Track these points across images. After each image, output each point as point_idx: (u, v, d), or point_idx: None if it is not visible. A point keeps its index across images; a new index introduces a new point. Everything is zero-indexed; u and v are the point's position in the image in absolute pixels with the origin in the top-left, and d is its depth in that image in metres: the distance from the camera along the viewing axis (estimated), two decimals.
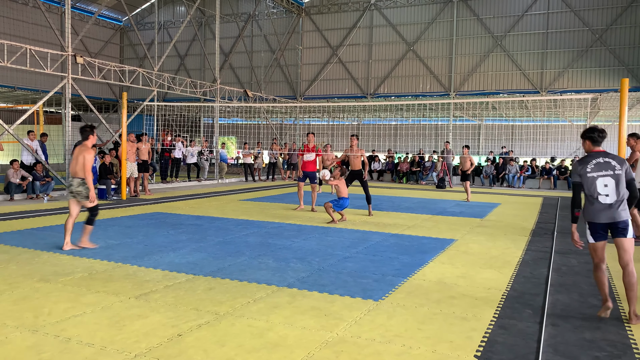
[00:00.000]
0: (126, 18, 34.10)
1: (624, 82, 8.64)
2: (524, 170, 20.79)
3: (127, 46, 35.69)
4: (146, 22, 33.96)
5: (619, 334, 4.07)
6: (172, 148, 18.46)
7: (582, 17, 23.70)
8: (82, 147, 6.80)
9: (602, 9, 23.43)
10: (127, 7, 23.66)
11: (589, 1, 23.65)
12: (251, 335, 3.86)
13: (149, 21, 33.66)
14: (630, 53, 23.13)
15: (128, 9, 25.21)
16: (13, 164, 12.38)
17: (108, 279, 5.37)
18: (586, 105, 21.07)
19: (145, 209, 11.21)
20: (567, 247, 7.72)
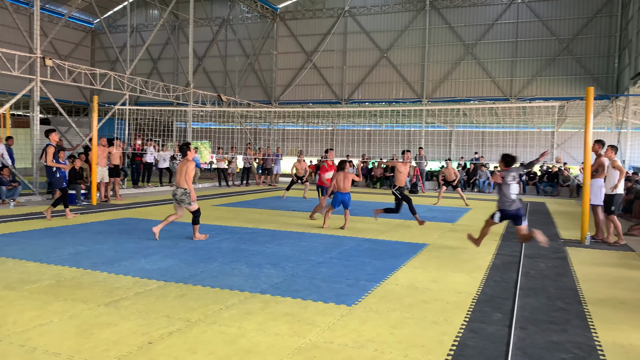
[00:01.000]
0: (98, 20, 33.56)
1: (589, 90, 8.90)
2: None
3: (98, 49, 35.10)
4: (118, 25, 33.46)
5: (584, 336, 4.18)
6: (144, 152, 18.20)
7: (550, 26, 24.32)
8: (185, 160, 7.85)
9: (569, 19, 24.10)
10: (99, 10, 23.31)
11: (556, 11, 24.30)
12: (223, 342, 3.83)
13: (121, 24, 33.18)
14: (595, 62, 23.83)
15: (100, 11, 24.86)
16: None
17: (76, 286, 5.26)
18: (554, 113, 21.59)
19: (116, 214, 11.02)
20: (536, 251, 7.89)
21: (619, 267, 6.98)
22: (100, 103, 21.93)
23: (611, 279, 6.24)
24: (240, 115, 28.13)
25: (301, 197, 16.26)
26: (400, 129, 30.74)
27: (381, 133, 31.28)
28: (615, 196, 8.67)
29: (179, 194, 7.79)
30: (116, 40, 31.49)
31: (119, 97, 19.00)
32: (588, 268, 6.79)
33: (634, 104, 20.51)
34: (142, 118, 28.24)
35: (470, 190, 21.41)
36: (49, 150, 10.17)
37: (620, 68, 22.82)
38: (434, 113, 27.36)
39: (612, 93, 22.94)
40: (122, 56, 25.85)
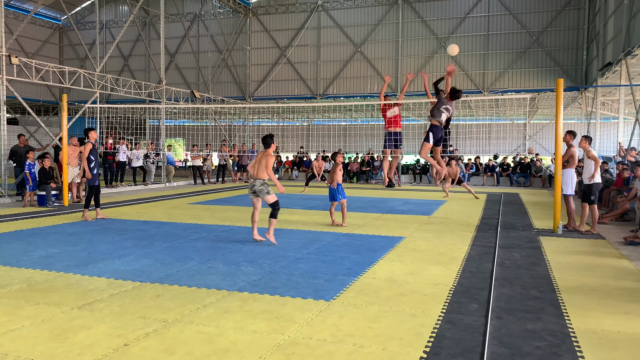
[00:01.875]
0: (65, 17, 32.79)
1: (559, 82, 9.07)
2: (468, 167, 21.44)
3: (66, 46, 34.34)
4: (87, 22, 32.76)
5: (558, 323, 4.26)
6: (116, 151, 17.89)
7: (520, 20, 24.69)
8: (264, 152, 7.70)
9: (538, 13, 24.51)
10: (66, 6, 22.74)
11: (526, 5, 24.67)
12: (201, 342, 3.79)
13: (89, 20, 32.50)
14: (564, 54, 24.31)
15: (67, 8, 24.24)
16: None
17: (49, 289, 5.14)
18: (525, 105, 21.98)
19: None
20: (510, 241, 8.01)
21: (590, 255, 7.14)
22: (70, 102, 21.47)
23: (583, 266, 6.38)
24: (214, 111, 27.88)
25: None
26: (375, 123, 30.89)
27: (357, 128, 31.40)
28: (593, 185, 8.85)
29: (258, 185, 7.59)
30: (85, 37, 30.86)
31: (89, 96, 18.63)
32: (561, 257, 6.93)
33: (602, 95, 21.00)
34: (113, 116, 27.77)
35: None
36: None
37: (589, 60, 23.32)
38: (408, 107, 27.54)
39: (581, 84, 23.44)
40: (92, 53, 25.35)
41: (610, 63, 16.99)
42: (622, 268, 6.32)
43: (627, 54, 14.32)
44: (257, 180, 7.64)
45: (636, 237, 7.94)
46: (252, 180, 7.71)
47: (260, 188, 7.61)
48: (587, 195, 8.93)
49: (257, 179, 7.64)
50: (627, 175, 11.81)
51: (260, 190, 7.61)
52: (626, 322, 4.32)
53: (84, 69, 18.30)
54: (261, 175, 7.62)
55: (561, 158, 9.02)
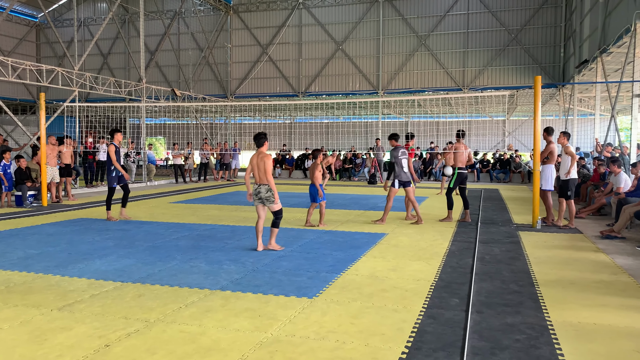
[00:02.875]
0: (42, 14, 32.21)
1: (537, 79, 9.21)
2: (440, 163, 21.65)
3: (44, 44, 33.74)
4: (65, 19, 32.23)
5: (537, 316, 4.34)
6: (96, 151, 17.67)
7: (499, 17, 24.97)
8: (260, 153, 6.96)
9: (517, 10, 24.80)
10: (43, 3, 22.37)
11: (505, 3, 24.96)
12: (183, 341, 3.78)
13: (67, 18, 31.98)
14: (542, 52, 24.65)
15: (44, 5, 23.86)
16: None
17: (27, 291, 5.07)
18: (504, 102, 22.25)
19: (68, 215, 10.67)
20: (490, 237, 8.13)
21: (568, 249, 7.27)
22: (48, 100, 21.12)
23: (561, 260, 6.51)
24: (196, 110, 27.68)
25: None
26: (357, 121, 31.00)
27: (339, 125, 31.45)
28: (569, 181, 9.01)
29: (264, 192, 6.81)
30: (63, 35, 30.36)
31: (68, 94, 18.35)
32: (539, 251, 7.05)
33: (579, 91, 21.36)
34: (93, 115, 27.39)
35: (427, 179, 21.81)
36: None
37: (566, 57, 23.69)
38: (389, 104, 27.70)
39: (558, 82, 23.81)
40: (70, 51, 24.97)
41: (586, 60, 17.28)
42: (599, 261, 6.46)
43: (602, 52, 14.59)
44: (263, 186, 6.85)
45: (612, 231, 8.12)
46: (256, 186, 6.91)
47: (267, 196, 6.82)
48: (563, 191, 9.09)
49: (262, 185, 6.85)
50: (604, 170, 12.04)
51: (267, 198, 6.85)
52: (603, 314, 4.42)
53: (62, 67, 18.02)
54: (264, 179, 6.85)
55: (540, 154, 9.16)
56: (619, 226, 8.09)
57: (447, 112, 28.87)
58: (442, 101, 25.56)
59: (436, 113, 29.29)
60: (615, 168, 9.94)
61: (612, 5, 13.94)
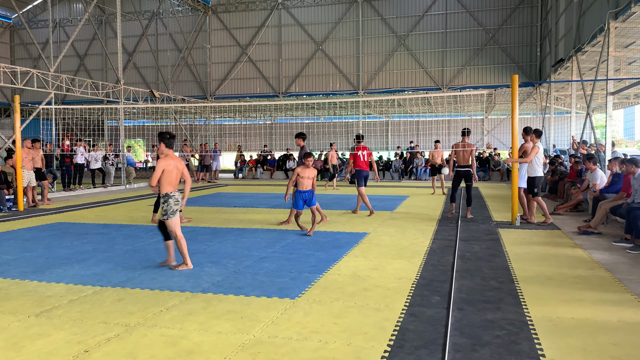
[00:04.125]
0: (16, 15, 31.60)
1: (514, 78, 9.34)
2: (429, 163, 21.80)
3: (18, 45, 33.12)
4: (39, 20, 31.68)
5: (516, 312, 4.39)
6: (73, 154, 17.39)
7: (477, 17, 25.26)
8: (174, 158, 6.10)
9: (494, 10, 25.12)
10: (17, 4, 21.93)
11: (482, 3, 25.27)
12: (164, 345, 3.74)
13: (42, 19, 31.44)
14: (519, 51, 25.01)
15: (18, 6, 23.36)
16: None
17: (3, 297, 4.96)
18: (483, 101, 22.52)
19: (45, 219, 10.48)
20: (470, 234, 8.21)
21: (546, 245, 7.39)
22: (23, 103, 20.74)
23: (539, 256, 6.60)
24: (175, 111, 27.44)
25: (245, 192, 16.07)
26: (338, 121, 31.03)
27: (320, 125, 31.45)
28: (535, 178, 9.15)
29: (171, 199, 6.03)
30: (38, 36, 29.86)
31: (44, 96, 18.03)
32: (518, 248, 7.15)
33: (556, 90, 21.72)
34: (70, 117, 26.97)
35: (407, 178, 21.95)
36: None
37: (542, 56, 24.07)
38: (370, 104, 27.81)
39: (535, 80, 24.18)
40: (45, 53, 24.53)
41: (562, 59, 17.58)
42: (576, 257, 6.57)
43: (577, 51, 14.85)
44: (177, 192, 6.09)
45: (589, 226, 8.27)
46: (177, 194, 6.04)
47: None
48: (530, 188, 9.24)
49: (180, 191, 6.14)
50: (580, 167, 12.26)
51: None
52: (580, 308, 4.50)
53: (37, 69, 17.70)
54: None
55: (517, 152, 9.29)
56: (596, 222, 8.24)
57: (426, 111, 29.09)
58: (422, 100, 25.75)
59: (416, 112, 29.49)
60: (591, 165, 10.12)
61: (586, 5, 14.21)
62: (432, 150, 15.68)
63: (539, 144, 9.18)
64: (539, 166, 9.14)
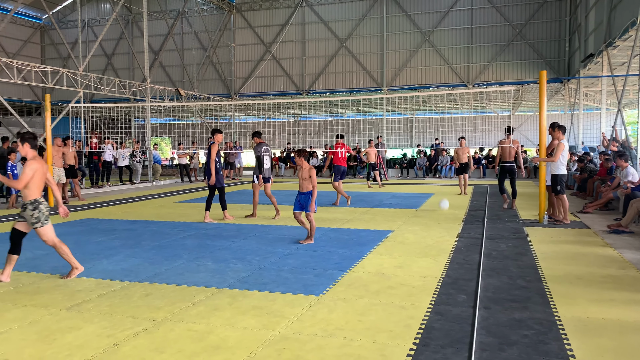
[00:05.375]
0: (46, 16, 32.34)
1: (542, 74, 9.15)
2: (453, 161, 21.57)
3: (48, 45, 33.88)
4: (69, 20, 32.34)
5: (545, 312, 4.32)
6: (101, 151, 17.73)
7: (503, 12, 24.86)
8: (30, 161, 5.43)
9: (521, 5, 24.68)
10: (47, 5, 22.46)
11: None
12: (191, 340, 3.79)
13: (71, 19, 32.08)
14: (547, 46, 24.52)
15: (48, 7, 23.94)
16: None
17: (35, 291, 5.10)
18: (509, 97, 22.16)
19: (75, 215, 10.71)
20: (496, 232, 8.10)
21: (575, 244, 7.24)
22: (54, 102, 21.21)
23: (568, 255, 6.48)
24: (200, 109, 27.73)
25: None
26: (362, 118, 30.95)
27: (343, 123, 31.41)
28: (558, 176, 8.93)
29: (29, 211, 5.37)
30: (67, 36, 30.48)
31: (72, 95, 18.42)
32: (546, 246, 7.02)
33: (585, 86, 21.24)
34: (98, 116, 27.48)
35: (432, 175, 21.76)
36: (213, 148, 9.62)
37: (571, 51, 23.56)
38: (394, 101, 27.63)
39: (564, 76, 23.68)
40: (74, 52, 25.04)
41: (592, 54, 17.18)
42: (606, 256, 6.42)
43: (608, 45, 14.49)
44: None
45: (620, 225, 8.07)
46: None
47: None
48: (554, 186, 9.03)
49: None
50: (610, 165, 11.97)
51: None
52: (611, 309, 4.40)
53: (66, 69, 18.08)
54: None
55: (545, 149, 9.12)
56: (627, 220, 8.04)
57: (452, 108, 28.78)
58: (447, 97, 25.46)
59: (441, 109, 29.18)
60: (622, 162, 9.87)
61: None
62: (457, 148, 14.54)
63: (564, 141, 8.98)
64: (563, 164, 8.94)
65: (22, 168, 5.37)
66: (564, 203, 8.99)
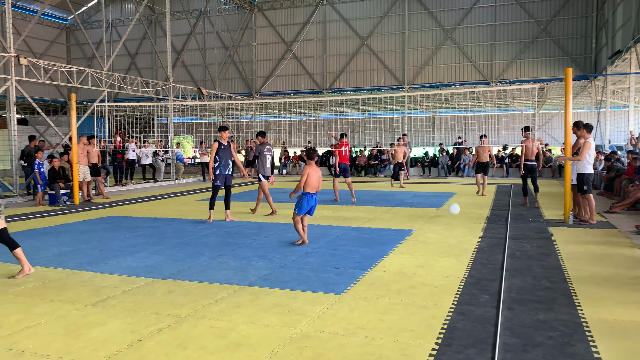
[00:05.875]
0: (72, 17, 32.94)
1: (568, 71, 8.99)
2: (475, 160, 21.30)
3: (74, 46, 34.50)
4: (93, 21, 32.89)
5: (570, 313, 4.24)
6: (125, 150, 18.00)
7: (528, 9, 24.46)
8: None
9: (546, 1, 24.25)
10: (73, 6, 22.86)
11: None
12: (213, 336, 3.82)
13: (96, 20, 32.62)
14: (572, 43, 24.06)
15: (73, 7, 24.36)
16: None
17: (62, 287, 5.20)
18: (534, 95, 21.82)
19: (99, 213, 10.90)
20: (520, 232, 7.98)
21: (601, 244, 7.09)
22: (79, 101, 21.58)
23: (594, 256, 6.35)
24: (222, 108, 27.93)
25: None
26: (383, 117, 30.83)
27: (364, 121, 31.34)
28: (585, 175, 8.75)
29: None
30: (92, 37, 30.99)
31: (97, 94, 18.72)
32: (572, 247, 6.90)
33: (612, 83, 20.78)
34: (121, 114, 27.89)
35: (454, 174, 21.56)
36: (213, 146, 9.91)
37: (598, 48, 23.08)
38: (416, 99, 27.44)
39: (590, 73, 23.21)
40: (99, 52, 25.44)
41: (619, 51, 16.80)
42: (634, 257, 6.28)
43: (636, 41, 14.15)
44: None
45: None
46: None
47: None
48: (580, 185, 8.84)
49: None
50: (638, 164, 11.70)
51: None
52: (639, 311, 4.30)
53: (91, 68, 18.39)
54: None
55: (571, 148, 8.95)
56: None
57: (474, 106, 28.48)
58: (470, 95, 25.19)
59: (464, 107, 28.89)
60: None
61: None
62: (477, 146, 13.88)
63: (590, 140, 8.80)
64: (589, 163, 8.75)
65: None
66: (591, 203, 8.81)
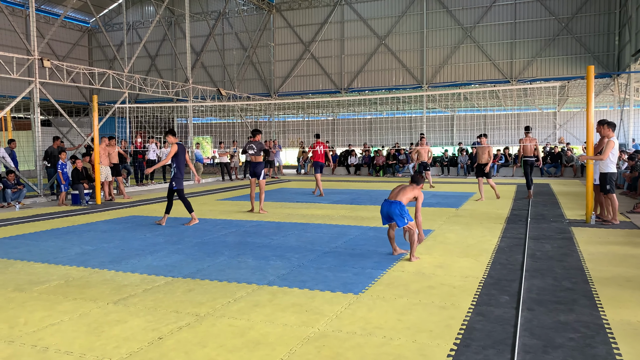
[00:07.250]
0: (94, 19, 33.47)
1: (589, 69, 8.85)
2: (497, 159, 21.11)
3: (95, 48, 35.05)
4: (114, 23, 33.37)
5: (592, 315, 4.18)
6: (146, 150, 18.22)
7: (548, 6, 24.12)
8: None
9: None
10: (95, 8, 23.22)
11: None
12: (232, 335, 3.86)
13: (117, 22, 33.10)
14: (594, 40, 23.65)
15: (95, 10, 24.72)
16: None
17: (85, 285, 5.30)
18: (555, 93, 21.51)
19: (120, 212, 11.06)
20: (541, 233, 7.89)
21: (624, 245, 6.97)
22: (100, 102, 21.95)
23: (617, 257, 6.25)
24: (240, 108, 28.10)
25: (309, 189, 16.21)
26: (401, 116, 30.68)
27: (382, 121, 31.23)
28: (607, 174, 8.60)
29: None
30: (113, 39, 31.43)
31: (118, 96, 18.98)
32: (594, 247, 6.79)
33: (636, 80, 20.38)
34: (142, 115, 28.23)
35: (474, 174, 21.35)
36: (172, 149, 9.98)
37: (621, 45, 22.65)
38: (434, 98, 27.26)
39: (613, 71, 22.79)
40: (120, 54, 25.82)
41: None
42: None
43: None
44: None
45: None
46: None
47: None
48: (602, 185, 8.68)
49: None
50: None
51: None
52: None
53: (112, 70, 18.67)
54: None
55: (593, 147, 8.81)
56: None
57: (494, 105, 28.17)
58: (490, 94, 24.92)
59: (483, 106, 28.61)
60: None
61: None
62: (477, 147, 12.87)
63: (613, 139, 8.64)
64: (612, 162, 8.60)
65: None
66: (614, 202, 8.66)
